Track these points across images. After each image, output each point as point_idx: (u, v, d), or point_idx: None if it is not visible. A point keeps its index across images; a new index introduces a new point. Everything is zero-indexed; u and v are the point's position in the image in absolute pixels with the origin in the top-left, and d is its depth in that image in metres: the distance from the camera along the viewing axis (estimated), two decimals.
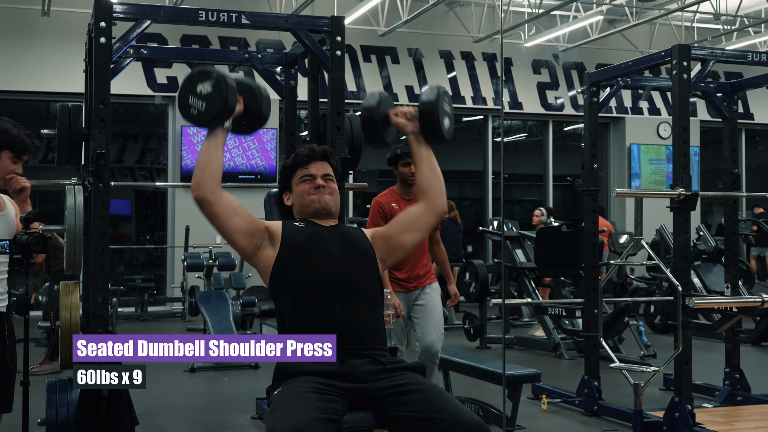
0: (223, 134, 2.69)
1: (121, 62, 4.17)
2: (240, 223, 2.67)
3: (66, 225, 3.79)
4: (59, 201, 4.18)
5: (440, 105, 2.79)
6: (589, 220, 5.36)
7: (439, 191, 2.81)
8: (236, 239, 2.69)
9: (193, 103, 2.65)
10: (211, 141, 2.67)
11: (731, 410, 5.23)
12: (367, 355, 2.56)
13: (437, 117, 2.78)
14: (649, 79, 6.80)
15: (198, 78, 2.65)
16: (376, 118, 2.86)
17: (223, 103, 2.63)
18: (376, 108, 2.86)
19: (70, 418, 3.61)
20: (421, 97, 2.83)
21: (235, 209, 2.67)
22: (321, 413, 2.31)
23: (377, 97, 2.89)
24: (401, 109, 2.87)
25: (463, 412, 2.40)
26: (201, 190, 2.61)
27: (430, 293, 4.65)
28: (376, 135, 2.90)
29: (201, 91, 2.64)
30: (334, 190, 2.85)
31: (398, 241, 2.81)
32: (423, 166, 2.83)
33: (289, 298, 2.64)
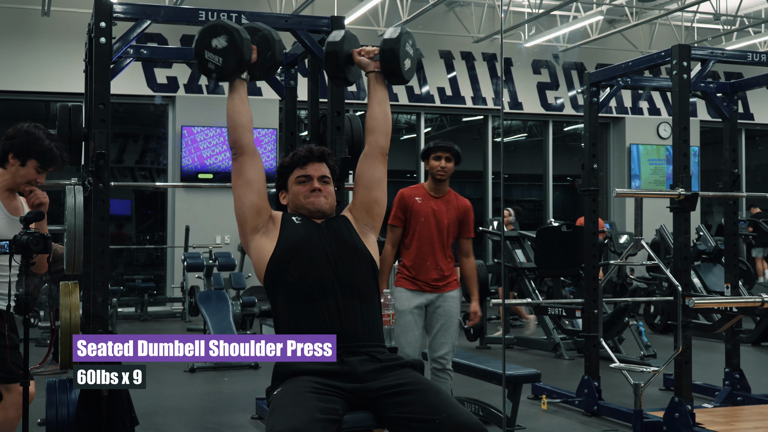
0: (244, 86, 2.75)
1: (121, 62, 4.17)
2: (252, 195, 2.72)
3: (66, 225, 3.79)
4: (59, 201, 4.18)
5: (402, 45, 2.80)
6: (589, 220, 5.36)
7: (384, 133, 2.87)
8: (245, 208, 2.73)
9: (210, 58, 2.67)
10: (234, 96, 2.73)
11: (731, 410, 5.23)
12: (365, 352, 2.57)
13: (397, 56, 2.78)
14: (649, 79, 6.80)
15: (211, 32, 2.66)
16: (338, 54, 2.87)
17: (240, 56, 2.66)
18: (339, 44, 2.87)
19: (70, 418, 3.61)
20: (384, 36, 2.84)
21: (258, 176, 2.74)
22: (321, 413, 2.31)
23: (342, 33, 2.90)
24: (365, 48, 2.89)
25: (461, 413, 2.40)
26: (238, 146, 2.72)
27: (450, 302, 4.40)
28: (338, 72, 2.91)
29: (216, 46, 2.66)
30: (329, 192, 2.85)
31: (369, 198, 2.85)
32: (375, 106, 2.87)
33: (284, 298, 2.65)
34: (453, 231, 4.47)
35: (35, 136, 3.35)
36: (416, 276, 4.40)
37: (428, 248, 4.39)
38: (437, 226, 4.40)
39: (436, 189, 4.47)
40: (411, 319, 4.35)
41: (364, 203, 2.86)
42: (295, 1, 11.01)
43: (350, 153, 4.00)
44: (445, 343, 4.33)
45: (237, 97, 2.74)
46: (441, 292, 4.40)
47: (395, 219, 4.46)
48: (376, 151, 2.86)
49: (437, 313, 4.37)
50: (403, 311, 4.37)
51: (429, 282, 4.38)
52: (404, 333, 4.33)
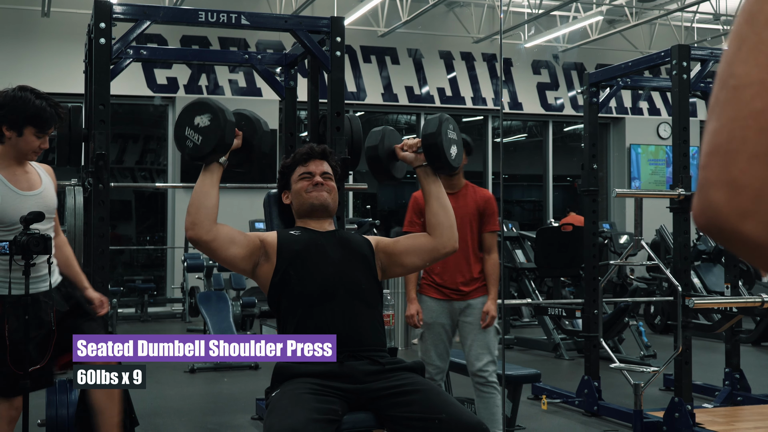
0: (219, 170, 2.62)
1: (121, 63, 4.17)
2: (238, 251, 2.62)
3: (66, 226, 3.80)
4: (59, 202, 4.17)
5: (443, 134, 2.70)
6: (589, 221, 5.36)
7: (448, 227, 2.74)
8: (236, 265, 2.68)
9: (189, 135, 2.56)
10: (206, 177, 2.60)
11: (731, 410, 5.23)
12: (367, 356, 2.57)
13: (441, 147, 2.68)
14: (649, 80, 6.81)
15: (196, 110, 2.57)
16: (380, 156, 2.79)
17: (221, 138, 2.54)
18: (379, 145, 2.79)
19: (70, 419, 3.61)
20: (423, 128, 2.76)
21: (231, 239, 2.61)
22: (318, 414, 2.31)
23: (380, 133, 2.82)
24: (407, 142, 2.79)
25: (462, 412, 2.40)
26: (196, 230, 2.54)
27: (480, 309, 4.05)
28: (383, 172, 2.83)
29: (198, 124, 2.55)
30: (332, 188, 2.84)
31: (399, 259, 2.78)
32: (432, 201, 2.75)
33: (288, 304, 2.65)
34: (475, 227, 4.11)
35: (23, 99, 3.08)
36: (441, 282, 4.09)
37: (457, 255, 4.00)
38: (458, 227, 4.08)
39: (449, 185, 4.05)
40: (439, 330, 4.06)
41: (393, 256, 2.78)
42: (295, 2, 11.01)
43: (350, 153, 4.01)
44: (483, 354, 3.99)
45: (209, 178, 2.59)
46: (469, 299, 4.06)
47: (411, 225, 4.10)
48: (446, 248, 2.74)
49: (468, 324, 4.04)
50: (432, 324, 4.07)
51: (455, 288, 4.06)
52: (434, 346, 4.07)
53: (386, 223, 12.31)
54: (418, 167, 2.77)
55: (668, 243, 8.91)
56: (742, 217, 0.49)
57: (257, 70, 4.62)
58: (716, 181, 0.51)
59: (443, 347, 4.09)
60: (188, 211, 2.57)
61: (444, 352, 4.10)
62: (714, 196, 0.51)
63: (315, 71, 4.29)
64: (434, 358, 4.06)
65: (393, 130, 2.88)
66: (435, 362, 4.05)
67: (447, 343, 4.10)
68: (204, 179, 2.59)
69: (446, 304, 4.07)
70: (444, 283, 4.07)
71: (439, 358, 4.08)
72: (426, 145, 2.72)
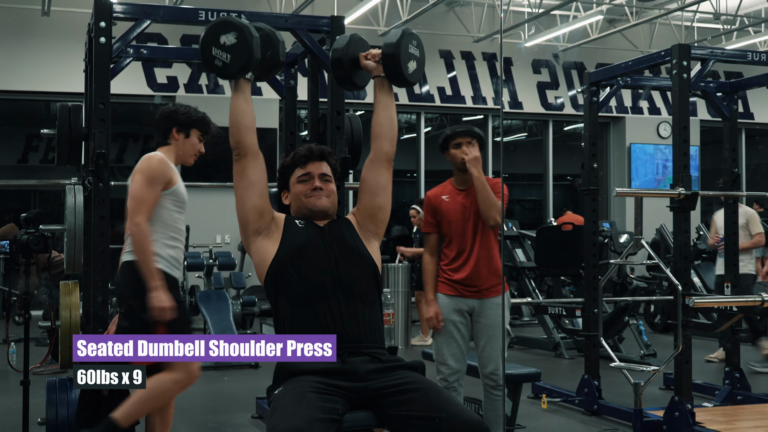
0: (248, 86, 2.70)
1: (121, 62, 4.18)
2: (255, 198, 2.69)
3: (66, 225, 3.80)
4: (59, 201, 4.18)
5: (403, 47, 2.73)
6: (589, 220, 5.36)
7: (389, 139, 2.82)
8: (247, 210, 2.70)
9: (217, 55, 2.61)
10: (239, 96, 2.68)
11: (731, 409, 5.24)
12: (367, 353, 2.57)
13: (398, 59, 2.72)
14: (649, 79, 6.81)
15: (221, 29, 2.61)
16: (343, 59, 2.82)
17: (249, 54, 2.60)
18: (344, 49, 2.82)
19: (70, 418, 3.62)
20: (385, 39, 2.78)
21: (260, 178, 2.71)
22: (322, 413, 2.30)
23: (347, 38, 2.85)
24: (371, 51, 2.83)
25: (462, 411, 2.40)
26: (242, 147, 2.67)
27: (495, 309, 3.87)
28: (344, 77, 2.86)
29: (225, 43, 2.60)
30: (331, 191, 2.84)
31: (373, 205, 2.83)
32: (380, 111, 2.82)
33: (286, 300, 2.65)
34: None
35: (190, 108, 3.56)
36: (455, 278, 3.90)
37: (467, 248, 3.88)
38: (473, 222, 3.87)
39: (462, 181, 3.93)
40: (452, 328, 3.88)
41: (367, 209, 2.84)
42: (295, 1, 11.01)
43: (350, 153, 4.01)
44: (495, 358, 3.85)
45: (242, 96, 2.69)
46: (484, 297, 3.88)
47: (427, 225, 3.99)
48: (381, 158, 2.83)
49: (481, 324, 3.88)
50: (444, 320, 3.89)
51: (470, 285, 3.88)
52: (446, 344, 3.88)
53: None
54: (376, 77, 2.82)
55: (668, 242, 8.91)
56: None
57: None
58: None
59: (456, 346, 3.88)
60: (231, 132, 2.68)
61: (458, 351, 3.89)
62: None
63: (315, 70, 4.29)
64: (446, 357, 3.88)
65: (361, 38, 2.90)
66: (447, 362, 3.88)
67: (461, 343, 3.90)
68: (237, 98, 2.68)
69: (458, 300, 3.89)
70: (458, 278, 3.89)
71: (452, 358, 3.88)
72: (384, 55, 2.75)
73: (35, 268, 7.82)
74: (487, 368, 3.87)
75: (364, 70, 2.87)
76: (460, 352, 3.90)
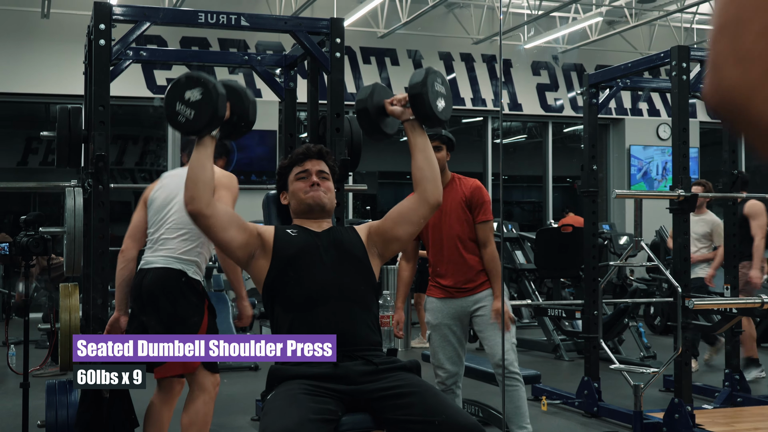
0: (212, 143, 2.59)
1: (121, 64, 4.18)
2: (235, 235, 2.61)
3: (66, 227, 3.80)
4: (59, 203, 4.18)
5: (429, 85, 2.68)
6: (588, 222, 5.36)
7: (432, 181, 2.71)
8: (232, 251, 2.65)
9: (180, 110, 2.54)
10: (201, 151, 2.57)
11: (731, 411, 5.24)
12: (361, 356, 2.56)
13: (427, 98, 2.66)
14: (649, 81, 6.81)
15: (186, 84, 2.55)
16: (369, 110, 2.77)
17: (214, 111, 2.52)
18: (368, 99, 2.77)
19: (70, 420, 3.62)
20: (410, 80, 2.74)
21: (230, 220, 2.60)
22: (314, 414, 2.30)
23: (370, 88, 2.80)
24: (396, 97, 2.78)
25: (459, 414, 2.40)
26: (196, 204, 2.51)
27: (490, 302, 3.90)
28: (372, 127, 2.80)
29: (189, 98, 2.53)
30: (329, 188, 2.83)
31: (392, 233, 2.77)
32: (417, 154, 2.73)
33: (282, 308, 2.64)
34: (462, 219, 3.94)
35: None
36: (442, 282, 3.96)
37: (445, 249, 3.93)
38: (447, 221, 3.91)
39: None
40: (447, 331, 3.92)
41: (386, 232, 2.78)
42: (295, 3, 11.01)
43: (350, 154, 4.01)
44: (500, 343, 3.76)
45: (203, 152, 2.56)
46: (476, 293, 3.91)
47: None
48: (431, 201, 2.71)
49: (481, 317, 3.87)
50: (437, 325, 3.94)
51: (458, 286, 3.91)
52: (441, 348, 3.93)
53: None
54: (406, 121, 2.75)
55: (668, 244, 8.91)
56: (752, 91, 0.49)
57: (257, 71, 4.63)
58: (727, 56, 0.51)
59: (452, 350, 3.91)
60: (186, 186, 2.54)
61: (454, 355, 3.91)
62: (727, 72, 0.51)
63: (315, 72, 4.29)
64: (443, 360, 3.91)
65: (383, 86, 2.86)
66: (444, 365, 3.91)
67: (457, 346, 3.92)
68: (199, 153, 2.57)
69: (450, 302, 3.91)
70: (446, 282, 3.94)
71: (449, 361, 3.91)
72: (411, 95, 2.70)
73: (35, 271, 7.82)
74: (496, 357, 3.84)
75: (392, 117, 2.81)
76: (456, 355, 3.92)
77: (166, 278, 3.48)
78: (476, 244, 3.95)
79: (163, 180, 3.73)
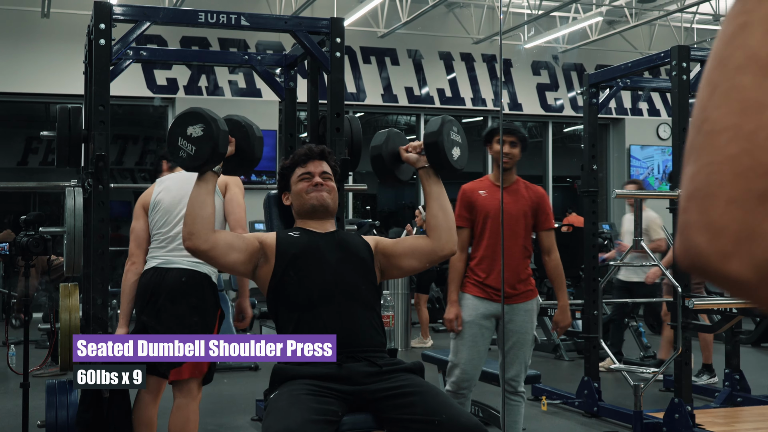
0: (214, 179, 2.60)
1: (121, 64, 4.17)
2: (237, 257, 2.62)
3: (66, 227, 3.80)
4: (59, 203, 4.18)
5: (445, 134, 2.68)
6: (589, 221, 5.36)
7: (446, 230, 2.72)
8: (237, 270, 2.71)
9: (182, 146, 2.54)
10: (201, 187, 2.57)
11: (731, 411, 5.23)
12: (365, 357, 2.57)
13: (442, 147, 2.67)
14: (649, 80, 6.81)
15: (188, 120, 2.55)
16: (384, 156, 2.78)
17: (214, 148, 2.52)
18: (383, 146, 2.78)
19: (70, 421, 3.61)
20: (426, 128, 2.75)
21: (230, 245, 2.60)
22: (316, 414, 2.31)
23: (385, 134, 2.81)
24: (411, 144, 2.79)
25: (461, 414, 2.40)
26: (194, 240, 2.52)
27: (523, 316, 3.81)
28: (386, 173, 2.82)
29: (191, 134, 2.53)
30: (332, 188, 2.84)
31: (397, 261, 2.78)
32: (432, 202, 2.74)
33: (286, 308, 2.65)
34: (527, 225, 3.89)
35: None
36: (485, 280, 3.83)
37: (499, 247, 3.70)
38: (507, 221, 3.74)
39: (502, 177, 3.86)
40: (477, 331, 3.80)
41: (392, 258, 2.78)
42: (295, 3, 11.01)
43: (350, 154, 4.00)
44: (515, 363, 3.79)
45: (204, 188, 2.56)
46: (513, 303, 3.78)
47: (460, 219, 3.83)
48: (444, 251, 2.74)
49: (508, 329, 3.75)
50: (469, 322, 3.80)
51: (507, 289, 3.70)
52: (466, 347, 3.80)
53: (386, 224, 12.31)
54: (421, 168, 2.76)
55: (668, 243, 8.90)
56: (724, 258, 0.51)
57: (257, 71, 4.62)
58: (696, 224, 0.52)
59: (476, 352, 3.81)
60: (185, 222, 2.55)
61: (476, 357, 3.81)
62: (696, 239, 0.52)
63: (315, 72, 4.28)
64: (465, 360, 3.80)
65: (398, 132, 2.87)
66: (464, 366, 3.80)
67: (482, 349, 3.82)
68: (199, 189, 2.56)
69: (489, 304, 3.81)
70: (489, 282, 3.81)
71: (470, 363, 3.80)
72: (427, 144, 2.70)
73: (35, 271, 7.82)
74: (510, 372, 3.80)
75: (406, 164, 2.82)
76: (479, 358, 3.83)
77: (193, 279, 3.48)
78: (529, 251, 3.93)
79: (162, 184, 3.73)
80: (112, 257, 3.69)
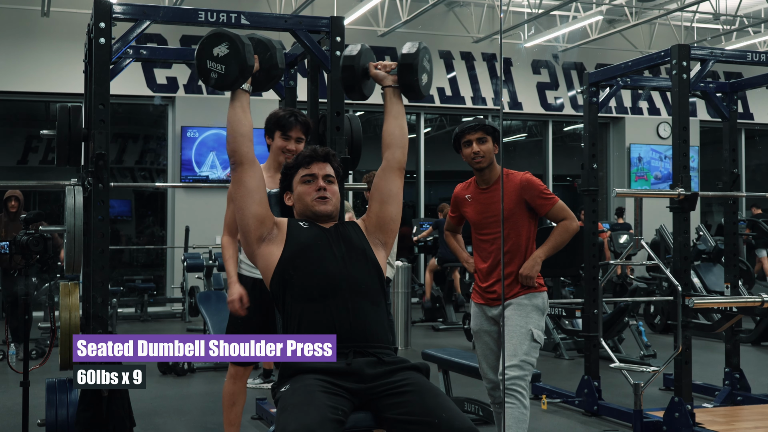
0: (246, 96, 2.71)
1: (121, 63, 4.17)
2: (255, 207, 2.69)
3: (66, 226, 3.80)
4: (59, 202, 4.18)
5: (420, 59, 2.80)
6: (588, 220, 5.36)
7: (400, 146, 2.84)
8: (247, 218, 2.70)
9: (212, 67, 2.65)
10: (236, 105, 2.69)
11: (731, 410, 5.23)
12: (372, 353, 2.57)
13: (416, 70, 2.79)
14: (649, 79, 6.81)
15: (213, 41, 2.64)
16: (356, 68, 2.87)
17: (243, 62, 2.62)
18: (356, 58, 2.87)
19: (70, 419, 3.62)
20: (402, 49, 2.84)
21: (258, 185, 2.70)
22: (332, 413, 2.31)
23: (358, 48, 2.90)
24: (381, 62, 2.89)
25: (456, 416, 2.39)
26: (238, 156, 2.68)
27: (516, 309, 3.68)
28: (354, 86, 2.90)
29: (218, 54, 2.63)
30: (334, 192, 2.85)
31: (382, 214, 2.83)
32: (391, 120, 2.85)
33: (293, 299, 2.65)
34: (519, 219, 3.74)
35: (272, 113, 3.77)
36: (483, 286, 3.81)
37: (491, 251, 3.77)
38: (495, 223, 3.74)
39: (482, 180, 3.80)
40: (487, 338, 3.80)
41: (378, 218, 2.84)
42: (295, 2, 11.01)
43: (350, 153, 4.01)
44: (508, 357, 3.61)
45: (239, 105, 2.70)
46: (511, 299, 3.71)
47: (452, 218, 4.00)
48: (393, 166, 2.84)
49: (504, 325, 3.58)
50: (476, 332, 3.84)
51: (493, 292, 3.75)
52: (484, 357, 3.82)
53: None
54: (387, 87, 2.86)
55: (668, 243, 8.91)
56: None
57: None
58: None
59: (494, 358, 3.76)
60: (227, 141, 2.70)
61: (495, 362, 3.76)
62: None
63: (315, 71, 4.28)
64: (486, 370, 3.81)
65: (369, 49, 2.96)
66: (488, 375, 3.81)
67: (498, 353, 3.75)
68: (235, 108, 2.69)
69: (488, 309, 3.79)
70: (485, 287, 3.80)
71: (492, 371, 3.78)
72: (403, 64, 2.81)
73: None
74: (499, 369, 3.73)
75: (372, 80, 2.92)
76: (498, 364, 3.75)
77: None
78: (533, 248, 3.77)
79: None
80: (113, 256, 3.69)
